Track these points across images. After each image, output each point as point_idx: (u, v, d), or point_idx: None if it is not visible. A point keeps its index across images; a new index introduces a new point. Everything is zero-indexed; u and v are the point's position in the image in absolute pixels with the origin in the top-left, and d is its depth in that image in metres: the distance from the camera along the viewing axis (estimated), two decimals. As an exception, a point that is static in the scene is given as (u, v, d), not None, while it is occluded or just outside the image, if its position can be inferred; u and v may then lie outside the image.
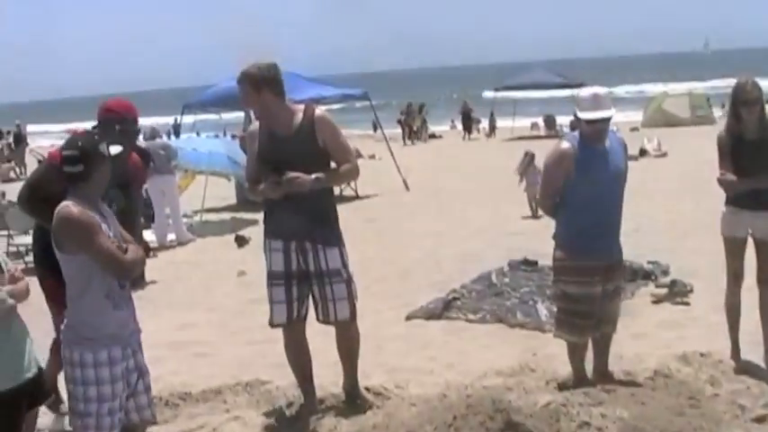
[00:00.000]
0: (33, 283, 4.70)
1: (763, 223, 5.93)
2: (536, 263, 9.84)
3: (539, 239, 11.50)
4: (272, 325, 5.69)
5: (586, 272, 5.48)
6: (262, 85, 5.40)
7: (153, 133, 14.79)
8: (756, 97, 5.82)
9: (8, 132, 38.87)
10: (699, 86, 55.04)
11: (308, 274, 5.51)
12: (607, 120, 5.45)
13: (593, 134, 5.44)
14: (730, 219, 6.04)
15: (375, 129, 40.30)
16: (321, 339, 5.99)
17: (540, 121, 38.25)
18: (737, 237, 6.03)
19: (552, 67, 44.82)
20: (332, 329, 5.74)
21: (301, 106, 5.63)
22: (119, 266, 4.31)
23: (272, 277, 5.58)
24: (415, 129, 38.76)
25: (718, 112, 34.46)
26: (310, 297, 5.62)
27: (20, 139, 35.03)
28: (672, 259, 9.63)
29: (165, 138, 19.86)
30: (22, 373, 4.36)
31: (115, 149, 4.55)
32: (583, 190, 5.44)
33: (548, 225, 12.24)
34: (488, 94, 49.75)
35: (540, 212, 16.69)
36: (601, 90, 5.59)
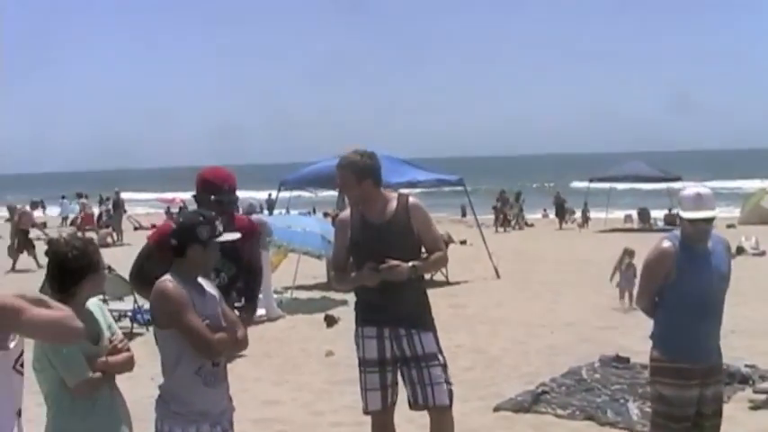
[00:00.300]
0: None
1: None
2: (628, 360, 9.63)
3: (630, 336, 11.32)
4: (365, 412, 5.67)
5: (684, 374, 5.33)
6: (365, 175, 5.49)
7: (250, 209, 15.11)
8: None
9: (107, 199, 40.04)
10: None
11: (404, 359, 5.50)
12: (710, 220, 5.35)
13: (694, 234, 5.34)
14: None
15: (464, 214, 40.47)
16: (406, 427, 5.94)
17: (635, 213, 37.78)
18: None
19: (648, 159, 44.46)
20: (416, 417, 5.70)
21: (395, 194, 5.73)
22: (205, 346, 4.34)
23: (365, 364, 5.59)
24: (510, 216, 38.77)
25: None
26: (401, 383, 5.58)
27: (117, 206, 36.04)
28: (771, 364, 9.34)
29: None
30: None
31: (231, 236, 4.64)
32: (682, 290, 5.32)
33: (639, 321, 12.04)
34: (578, 184, 49.66)
35: (634, 306, 16.45)
36: (704, 189, 5.48)
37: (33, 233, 24.85)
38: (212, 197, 5.53)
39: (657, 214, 37.17)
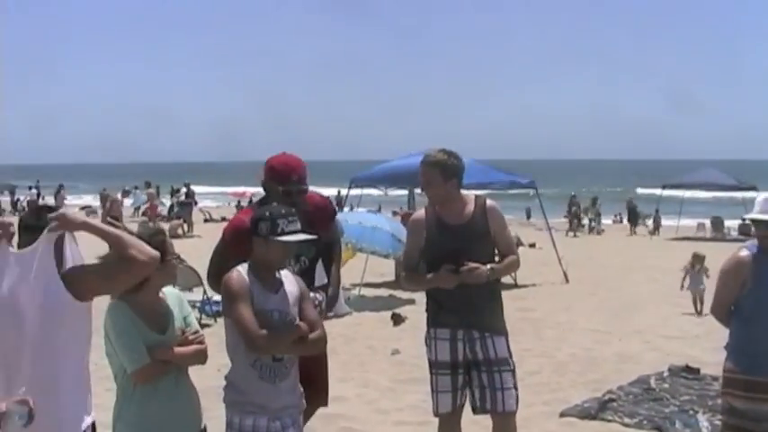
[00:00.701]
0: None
1: None
2: (698, 370, 9.48)
3: (699, 346, 11.17)
4: (436, 414, 5.63)
5: (757, 388, 5.21)
6: (451, 175, 5.45)
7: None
8: None
9: (177, 190, 40.75)
10: None
11: (476, 362, 5.47)
12: None
13: (762, 240, 5.24)
14: None
15: (528, 216, 40.30)
16: (471, 429, 5.93)
17: (708, 222, 37.16)
18: None
19: (723, 167, 43.69)
20: (480, 418, 5.67)
21: (472, 195, 5.67)
22: (249, 341, 4.35)
23: (437, 366, 5.55)
24: (585, 221, 38.70)
25: None
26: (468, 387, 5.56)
27: (188, 198, 36.65)
28: None
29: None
30: None
31: (298, 237, 4.57)
32: (758, 301, 5.22)
33: (709, 332, 11.94)
34: (643, 190, 48.99)
35: (707, 312, 16.24)
36: None
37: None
38: (280, 188, 5.36)
39: (732, 223, 36.56)
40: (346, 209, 25.24)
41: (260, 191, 5.85)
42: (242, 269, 4.51)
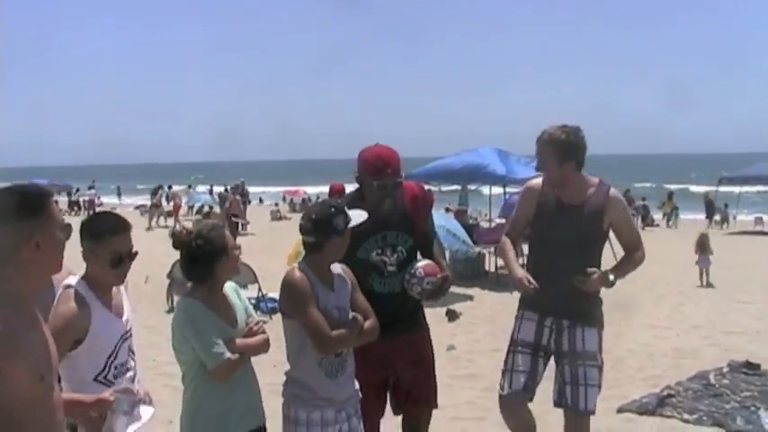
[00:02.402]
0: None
1: None
2: (759, 366, 9.34)
3: (759, 341, 11.01)
4: (502, 392, 5.32)
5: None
6: (568, 156, 5.09)
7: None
8: None
9: (232, 188, 41.10)
10: None
11: (560, 353, 5.22)
12: None
13: None
14: None
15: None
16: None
17: (766, 217, 36.60)
18: None
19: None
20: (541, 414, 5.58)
21: (596, 179, 5.28)
22: (319, 341, 4.36)
23: (518, 344, 5.31)
24: (664, 214, 39.12)
25: None
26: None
27: (243, 196, 37.00)
28: None
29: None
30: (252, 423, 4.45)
31: (358, 217, 4.57)
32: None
33: (769, 327, 11.68)
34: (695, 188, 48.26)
35: (711, 282, 16.31)
36: None
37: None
38: (375, 183, 4.96)
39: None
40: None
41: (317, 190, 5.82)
42: (303, 267, 4.52)
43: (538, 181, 5.36)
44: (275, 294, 12.78)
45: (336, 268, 4.64)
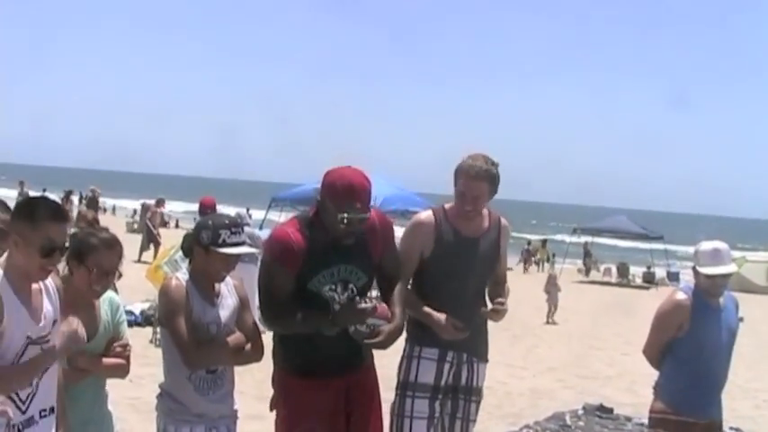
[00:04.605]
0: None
1: None
2: (612, 410, 9.56)
3: (612, 386, 11.35)
4: None
5: (686, 428, 5.30)
6: (496, 189, 4.91)
7: (241, 220, 14.90)
8: None
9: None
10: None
11: (455, 388, 4.97)
12: (728, 276, 5.34)
13: (711, 288, 5.33)
14: None
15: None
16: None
17: (614, 268, 37.98)
18: None
19: (631, 216, 44.75)
20: None
21: (486, 210, 5.06)
22: (183, 355, 4.25)
23: (415, 389, 4.90)
24: (537, 260, 40.36)
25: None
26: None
27: (93, 205, 36.03)
28: (753, 428, 9.32)
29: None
30: None
31: (239, 250, 4.36)
32: (694, 343, 5.31)
33: (621, 373, 12.09)
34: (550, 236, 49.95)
35: (557, 320, 16.70)
36: (721, 244, 5.49)
37: None
38: (339, 216, 4.32)
39: (636, 270, 37.51)
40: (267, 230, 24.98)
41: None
42: (183, 277, 4.39)
43: (429, 214, 5.01)
44: (132, 307, 12.50)
45: (228, 284, 4.51)
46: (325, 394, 4.49)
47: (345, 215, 4.30)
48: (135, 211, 45.68)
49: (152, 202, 30.49)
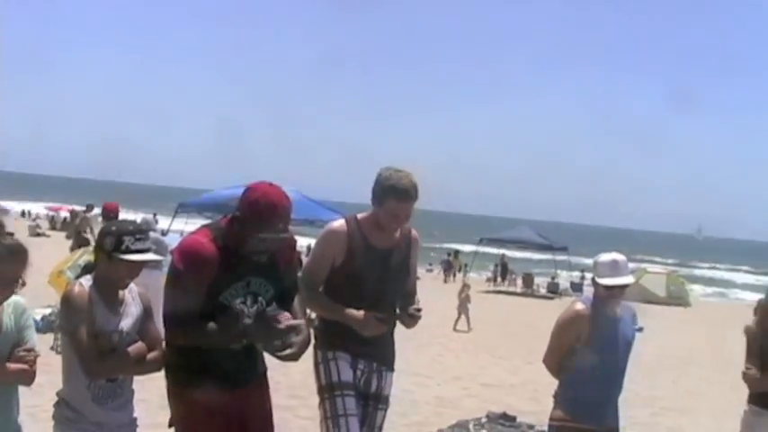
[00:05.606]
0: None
1: None
2: (515, 418, 9.72)
3: (515, 395, 11.51)
4: None
5: (587, 435, 5.40)
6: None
7: (147, 226, 14.71)
8: None
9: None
10: (682, 269, 56.66)
11: (365, 395, 5.04)
12: (625, 287, 5.48)
13: (609, 299, 5.46)
14: (753, 420, 5.82)
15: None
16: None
17: (519, 278, 38.59)
18: None
19: (536, 227, 45.49)
20: None
21: None
22: (83, 364, 4.16)
23: (341, 387, 4.93)
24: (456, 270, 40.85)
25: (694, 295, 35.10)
26: None
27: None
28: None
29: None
30: None
31: (142, 257, 4.27)
32: (592, 353, 5.41)
33: (524, 382, 12.27)
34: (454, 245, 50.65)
35: (471, 328, 16.94)
36: (619, 256, 5.61)
37: None
38: (258, 236, 4.24)
39: (540, 281, 38.17)
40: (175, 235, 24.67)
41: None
42: (86, 283, 4.30)
43: (341, 223, 5.07)
44: (32, 313, 12.21)
45: (133, 291, 4.45)
46: (222, 406, 4.44)
47: (266, 235, 4.24)
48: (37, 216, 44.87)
49: (82, 208, 29.88)
